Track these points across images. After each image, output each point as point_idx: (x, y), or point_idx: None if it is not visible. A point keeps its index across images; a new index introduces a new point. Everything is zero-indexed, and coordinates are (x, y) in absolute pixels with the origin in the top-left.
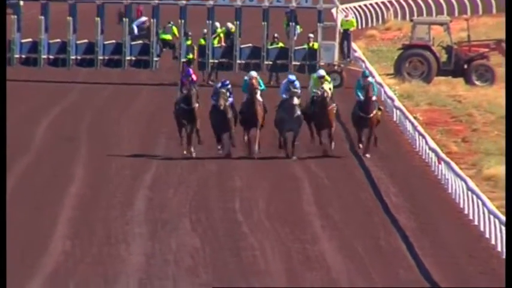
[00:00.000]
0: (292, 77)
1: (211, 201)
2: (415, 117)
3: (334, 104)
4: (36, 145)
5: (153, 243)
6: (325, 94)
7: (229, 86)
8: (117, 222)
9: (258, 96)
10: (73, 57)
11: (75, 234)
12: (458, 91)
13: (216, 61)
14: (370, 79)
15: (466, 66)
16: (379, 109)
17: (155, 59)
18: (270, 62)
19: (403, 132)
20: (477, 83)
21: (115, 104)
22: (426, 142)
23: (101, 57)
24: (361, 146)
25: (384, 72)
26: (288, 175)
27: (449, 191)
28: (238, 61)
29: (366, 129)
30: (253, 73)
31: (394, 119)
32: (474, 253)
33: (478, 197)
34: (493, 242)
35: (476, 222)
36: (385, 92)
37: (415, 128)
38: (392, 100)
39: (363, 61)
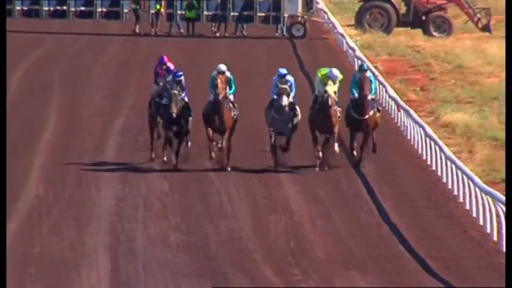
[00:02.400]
0: (283, 71)
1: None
2: (375, 67)
3: (337, 107)
4: (10, 93)
5: (124, 187)
6: (329, 98)
7: (182, 79)
8: (89, 167)
9: (229, 96)
10: (46, 8)
11: (48, 179)
12: (417, 42)
13: (182, 12)
14: (368, 74)
15: (424, 18)
16: (378, 110)
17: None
18: (236, 14)
19: None
20: (435, 33)
21: (87, 54)
22: (386, 91)
23: (73, 9)
24: (355, 153)
25: (346, 23)
26: (255, 124)
27: (408, 137)
28: (205, 13)
29: (361, 133)
30: (223, 67)
31: (355, 69)
32: (432, 197)
33: (435, 143)
34: (449, 186)
35: (433, 168)
36: (346, 43)
37: (375, 77)
38: (354, 50)
39: (325, 13)
